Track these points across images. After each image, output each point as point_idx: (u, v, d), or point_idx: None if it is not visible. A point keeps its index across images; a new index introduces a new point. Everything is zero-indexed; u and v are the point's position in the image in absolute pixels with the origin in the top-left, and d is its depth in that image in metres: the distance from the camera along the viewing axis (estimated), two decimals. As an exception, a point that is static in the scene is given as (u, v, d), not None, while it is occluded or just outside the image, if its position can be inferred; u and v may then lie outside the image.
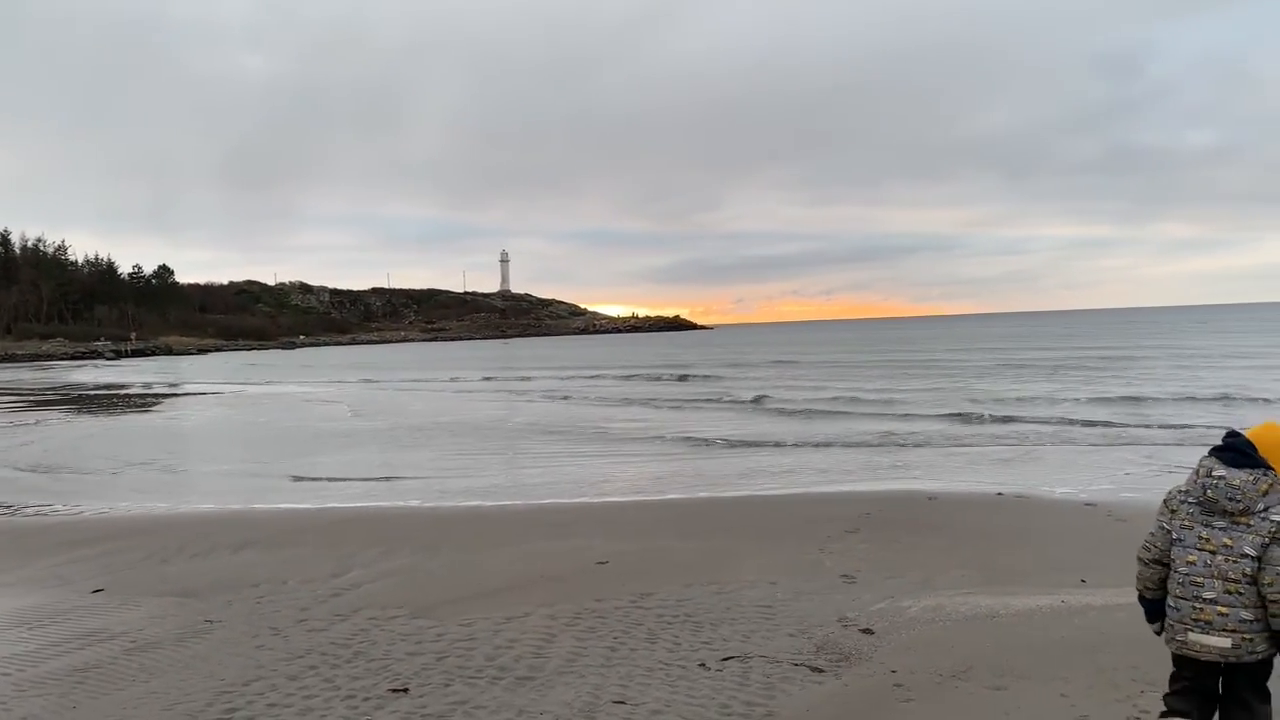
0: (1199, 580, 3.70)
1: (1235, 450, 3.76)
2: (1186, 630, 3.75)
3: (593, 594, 7.29)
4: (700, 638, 6.18)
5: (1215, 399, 24.18)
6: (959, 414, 23.06)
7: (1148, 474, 13.33)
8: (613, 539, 9.42)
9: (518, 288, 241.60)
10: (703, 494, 12.78)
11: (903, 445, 17.85)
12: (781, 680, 5.35)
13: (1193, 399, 24.45)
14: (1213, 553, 3.68)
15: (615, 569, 8.15)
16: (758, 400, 29.25)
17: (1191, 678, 3.85)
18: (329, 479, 15.27)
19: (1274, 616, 3.60)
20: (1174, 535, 3.82)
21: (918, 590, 7.28)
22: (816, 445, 18.14)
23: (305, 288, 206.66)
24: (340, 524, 10.86)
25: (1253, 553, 3.59)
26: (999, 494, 11.82)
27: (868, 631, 6.20)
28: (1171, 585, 3.82)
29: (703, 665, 5.63)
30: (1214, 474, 3.74)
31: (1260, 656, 3.69)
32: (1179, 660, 3.88)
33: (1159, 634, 3.98)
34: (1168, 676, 3.99)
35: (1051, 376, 35.79)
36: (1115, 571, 7.79)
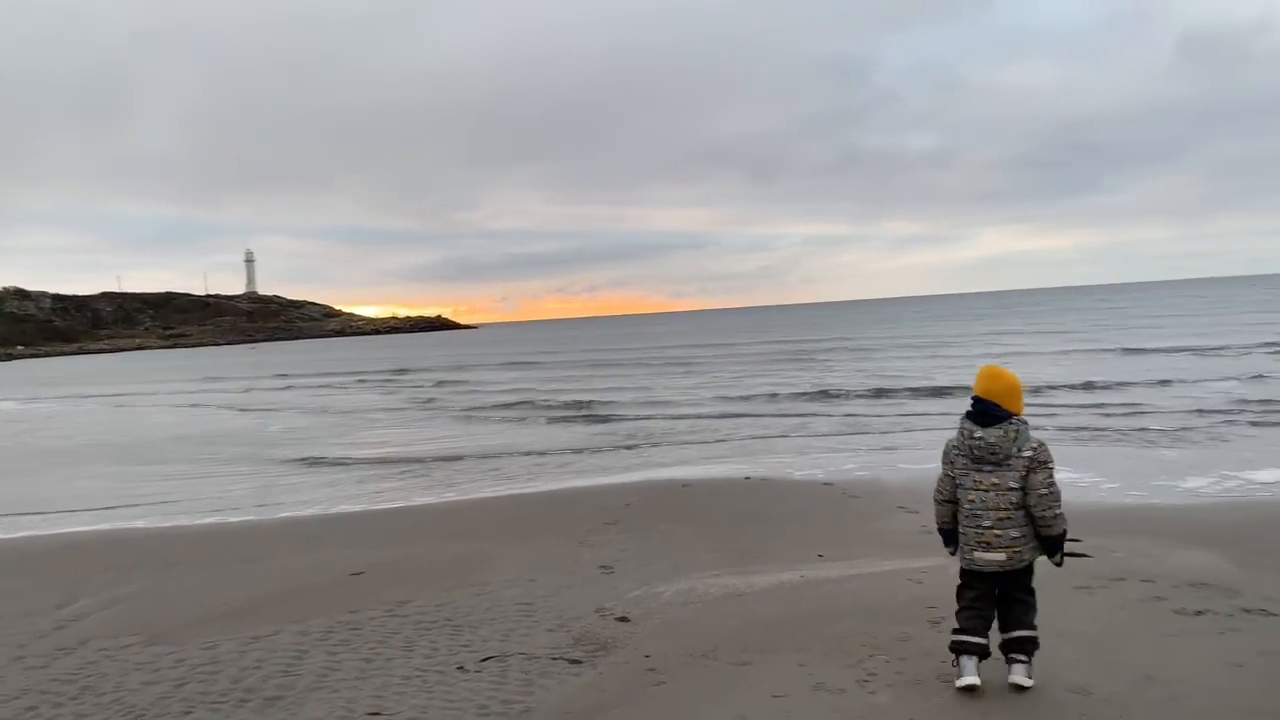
0: (979, 513, 4.71)
1: (983, 413, 4.72)
2: (973, 550, 4.75)
3: (347, 606, 7.06)
4: (459, 641, 6.13)
5: (932, 391, 26.47)
6: (712, 406, 24.03)
7: (876, 454, 14.40)
8: (367, 548, 9.17)
9: (266, 289, 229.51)
10: (461, 497, 12.64)
11: (654, 443, 18.39)
12: (540, 675, 5.40)
13: (913, 390, 26.60)
14: (985, 491, 4.69)
15: (371, 579, 7.94)
16: (512, 406, 28.92)
17: (977, 587, 4.80)
18: (45, 511, 13.93)
19: (1042, 527, 4.65)
20: (956, 480, 4.79)
21: (672, 575, 7.54)
22: (568, 447, 18.38)
23: (22, 293, 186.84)
24: (64, 550, 9.96)
25: (1016, 485, 4.63)
26: (747, 478, 12.43)
27: (624, 619, 6.37)
28: (960, 518, 4.80)
29: (461, 668, 5.60)
30: (975, 436, 4.71)
31: (1027, 563, 4.73)
32: (967, 575, 4.83)
33: (953, 554, 4.96)
34: (898, 639, 4.43)
35: (791, 367, 37.95)
36: (850, 545, 8.40)
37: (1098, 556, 7.23)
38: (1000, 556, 4.67)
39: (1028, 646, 4.73)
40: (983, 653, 4.72)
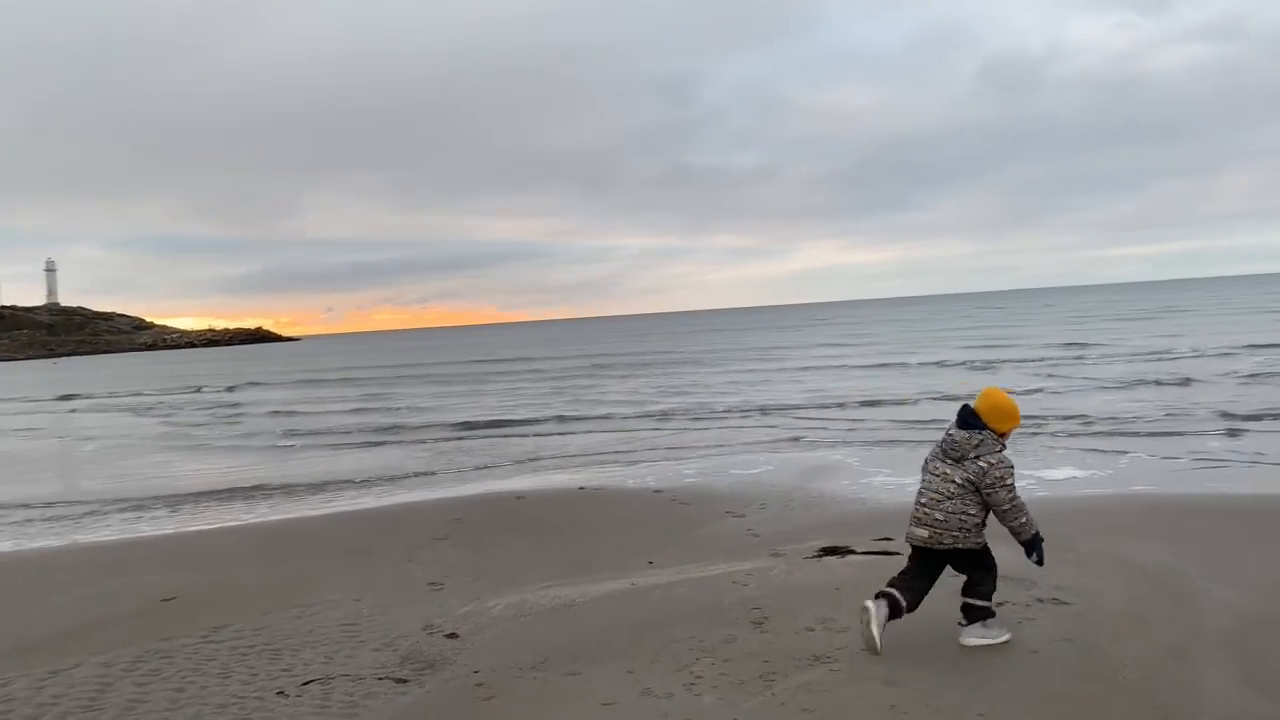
0: (921, 492, 5.53)
1: (963, 417, 5.50)
2: (909, 525, 5.55)
3: (157, 634, 6.67)
4: (279, 665, 5.90)
5: (752, 408, 27.27)
6: (547, 417, 24.02)
7: (704, 462, 14.74)
8: (179, 572, 8.69)
9: (69, 300, 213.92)
10: (280, 516, 12.14)
11: (493, 464, 18.23)
12: (364, 697, 5.26)
13: (740, 409, 27.36)
14: (935, 476, 5.47)
15: (183, 604, 7.52)
16: (328, 432, 27.98)
17: (914, 559, 5.58)
18: None
19: (1013, 535, 5.39)
20: (923, 469, 5.61)
21: (503, 589, 7.49)
22: (386, 467, 17.99)
23: None
24: None
25: (959, 481, 5.36)
26: (581, 488, 12.49)
27: (453, 636, 6.28)
28: None
29: (281, 693, 5.38)
30: (949, 433, 5.52)
31: (946, 548, 5.40)
32: (912, 548, 5.60)
33: None
34: (723, 640, 4.51)
35: (619, 378, 38.40)
36: (679, 551, 8.56)
37: (907, 553, 7.61)
38: (924, 533, 5.44)
39: (971, 613, 5.47)
40: (890, 601, 5.38)
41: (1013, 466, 5.38)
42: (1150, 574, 6.93)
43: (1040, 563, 5.43)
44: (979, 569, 5.48)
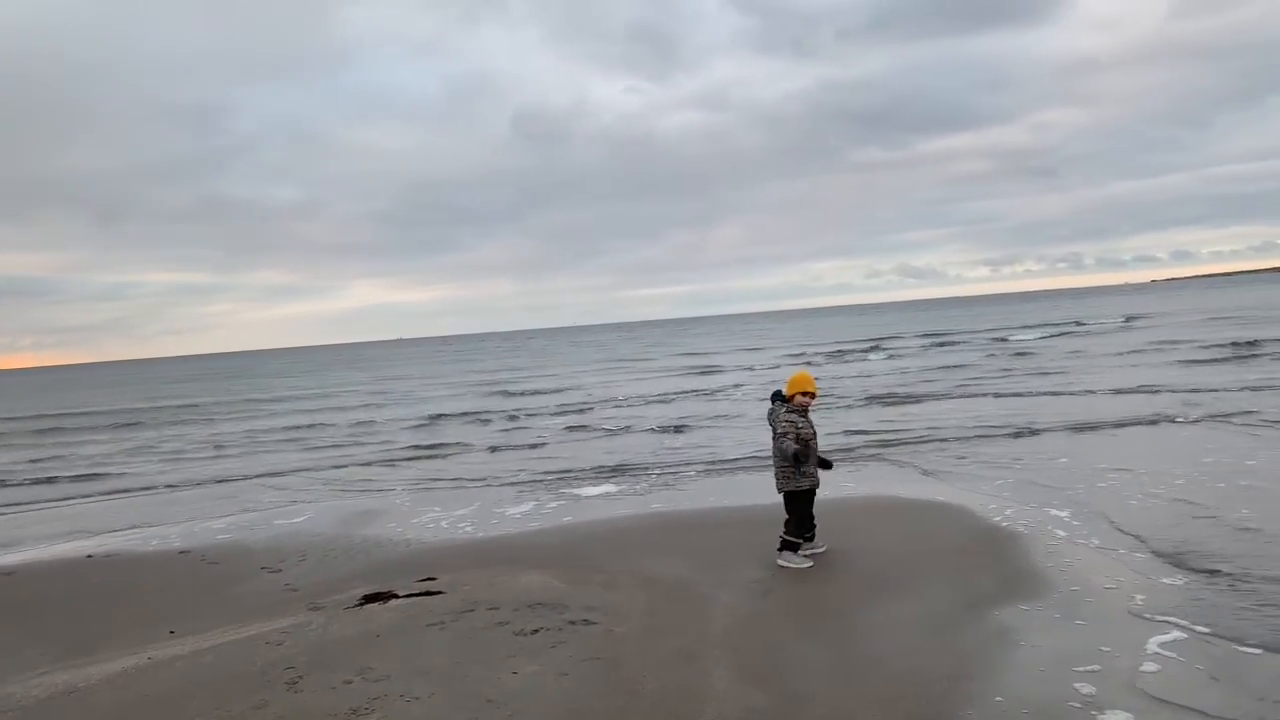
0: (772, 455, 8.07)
1: (772, 396, 8.09)
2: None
3: None
4: None
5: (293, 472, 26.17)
6: (50, 497, 21.15)
7: (238, 517, 13.79)
8: None
9: None
10: None
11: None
12: None
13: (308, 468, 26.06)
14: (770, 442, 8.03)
15: None
16: None
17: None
18: None
19: (778, 447, 7.83)
20: None
21: (-11, 685, 6.40)
22: None
23: None
24: None
25: (773, 441, 7.89)
26: (89, 556, 11.08)
27: (-89, 749, 5.25)
28: None
29: None
30: (768, 409, 8.16)
31: (781, 491, 7.97)
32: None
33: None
34: (253, 707, 4.18)
35: (151, 428, 34.99)
36: (206, 616, 7.91)
37: (450, 591, 7.70)
38: (776, 484, 8.02)
39: (782, 543, 7.95)
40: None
41: (791, 422, 7.85)
42: (666, 586, 7.63)
43: (798, 464, 7.77)
44: (790, 509, 7.94)
